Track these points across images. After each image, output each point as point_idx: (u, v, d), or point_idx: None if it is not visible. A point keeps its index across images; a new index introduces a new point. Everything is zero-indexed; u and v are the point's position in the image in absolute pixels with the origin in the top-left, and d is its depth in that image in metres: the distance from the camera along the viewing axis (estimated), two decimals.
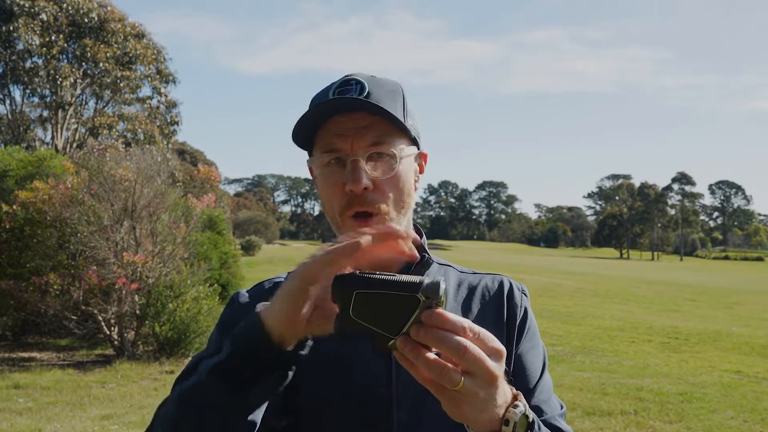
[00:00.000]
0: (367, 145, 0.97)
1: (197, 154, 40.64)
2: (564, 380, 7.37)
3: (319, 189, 1.04)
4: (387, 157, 0.99)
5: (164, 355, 8.28)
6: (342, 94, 0.99)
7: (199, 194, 10.12)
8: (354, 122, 0.97)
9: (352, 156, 0.97)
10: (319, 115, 0.99)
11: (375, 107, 0.96)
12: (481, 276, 1.13)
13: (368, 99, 0.97)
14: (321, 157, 1.00)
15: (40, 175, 9.33)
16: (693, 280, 31.35)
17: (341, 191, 0.98)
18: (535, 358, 1.06)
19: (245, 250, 31.77)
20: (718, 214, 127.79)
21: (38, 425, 5.63)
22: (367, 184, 0.96)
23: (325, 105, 0.97)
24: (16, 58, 20.76)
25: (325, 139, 0.99)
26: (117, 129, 22.93)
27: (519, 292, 1.10)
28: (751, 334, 11.93)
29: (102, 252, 8.19)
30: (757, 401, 6.59)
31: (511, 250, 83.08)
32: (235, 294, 1.11)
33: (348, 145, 0.97)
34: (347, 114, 0.98)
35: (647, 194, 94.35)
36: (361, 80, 1.00)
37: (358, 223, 0.97)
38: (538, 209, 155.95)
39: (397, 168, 0.99)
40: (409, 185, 1.02)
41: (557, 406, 1.03)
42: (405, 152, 1.01)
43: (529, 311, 1.10)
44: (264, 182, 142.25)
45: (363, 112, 0.97)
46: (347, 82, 1.01)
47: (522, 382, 1.01)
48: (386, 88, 1.02)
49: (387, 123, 0.98)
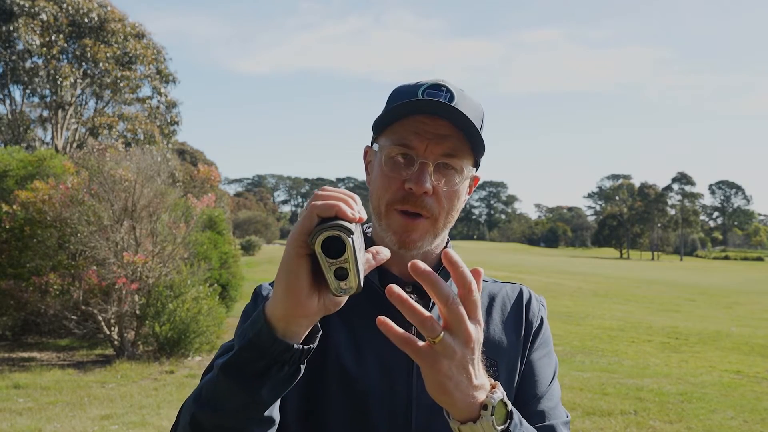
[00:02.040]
0: (440, 154, 0.98)
1: (197, 154, 40.61)
2: (564, 380, 7.37)
3: (374, 176, 1.04)
4: (453, 172, 1.00)
5: (164, 355, 8.28)
6: (431, 97, 0.99)
7: (199, 194, 10.12)
8: (436, 128, 0.98)
9: (422, 158, 0.98)
10: (405, 109, 0.98)
11: (463, 119, 0.96)
12: (501, 285, 1.15)
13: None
14: (391, 148, 1.00)
15: (40, 175, 9.33)
16: (693, 280, 31.34)
17: (398, 185, 0.99)
18: (547, 367, 1.08)
19: (245, 250, 31.79)
20: (718, 214, 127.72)
21: (38, 425, 5.63)
22: (429, 189, 0.97)
23: (413, 104, 0.97)
24: (16, 58, 20.74)
25: (401, 133, 0.99)
26: (117, 129, 22.92)
27: (537, 303, 1.14)
28: (751, 334, 11.93)
29: (102, 252, 8.19)
30: (757, 401, 6.59)
31: (511, 250, 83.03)
32: (258, 287, 1.12)
33: (423, 147, 0.98)
34: (433, 117, 0.98)
35: (647, 194, 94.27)
36: (452, 89, 1.01)
37: (404, 219, 0.99)
38: (538, 209, 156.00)
39: (459, 185, 1.01)
40: (460, 204, 1.04)
41: (562, 414, 1.05)
42: (469, 172, 1.03)
43: (545, 322, 1.13)
44: (264, 182, 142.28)
45: (447, 121, 0.97)
46: (438, 86, 1.01)
47: (531, 387, 1.04)
48: (472, 106, 1.02)
49: (463, 139, 0.99)
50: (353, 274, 0.71)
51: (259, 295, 1.09)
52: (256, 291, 1.11)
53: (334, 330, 1.02)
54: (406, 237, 0.99)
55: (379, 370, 0.99)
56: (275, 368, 0.77)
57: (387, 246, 1.02)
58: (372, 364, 1.00)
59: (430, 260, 1.07)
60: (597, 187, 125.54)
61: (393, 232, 1.00)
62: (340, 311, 0.97)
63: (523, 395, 1.03)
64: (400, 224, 0.99)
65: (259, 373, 0.77)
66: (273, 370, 0.77)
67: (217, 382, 0.80)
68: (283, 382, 0.79)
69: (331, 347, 1.01)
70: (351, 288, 0.72)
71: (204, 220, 10.82)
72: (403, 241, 0.99)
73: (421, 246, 1.02)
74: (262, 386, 0.77)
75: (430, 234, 1.02)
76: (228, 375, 0.78)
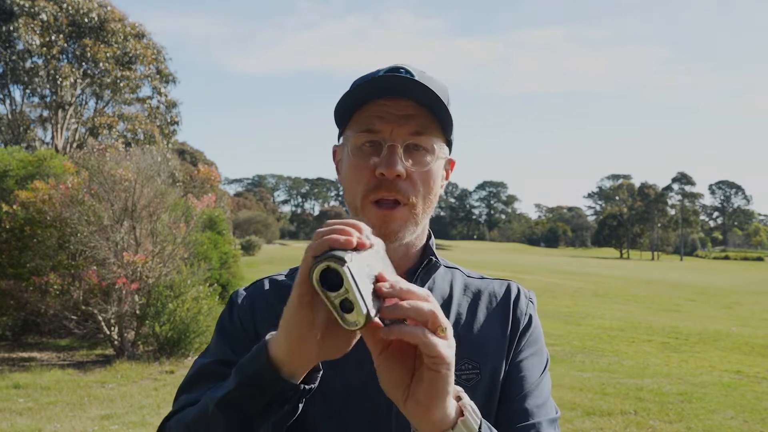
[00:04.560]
0: (407, 134, 0.95)
1: (197, 154, 40.61)
2: (564, 380, 7.37)
3: (344, 170, 1.00)
4: (424, 151, 0.96)
5: (164, 355, 8.27)
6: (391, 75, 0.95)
7: (199, 194, 10.12)
8: (398, 109, 0.95)
9: (390, 141, 0.94)
10: (364, 93, 0.95)
11: (425, 91, 0.92)
12: (489, 281, 1.12)
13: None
14: (356, 137, 0.97)
15: (40, 175, 9.33)
16: (693, 280, 31.36)
17: (370, 174, 0.95)
18: (535, 365, 1.05)
19: (245, 250, 31.74)
20: (718, 214, 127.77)
21: (38, 425, 5.63)
22: (401, 172, 0.93)
23: (372, 82, 0.93)
24: (16, 58, 20.75)
25: (364, 119, 0.96)
26: (117, 129, 22.93)
27: (525, 299, 1.10)
28: (751, 334, 11.94)
29: (102, 252, 8.19)
30: (757, 401, 6.59)
31: (511, 250, 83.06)
32: (234, 294, 1.08)
33: (388, 130, 0.94)
34: (393, 99, 0.95)
35: (647, 194, 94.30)
36: (411, 70, 0.97)
37: (381, 210, 0.95)
38: (538, 209, 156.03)
39: (432, 164, 0.97)
40: (437, 185, 1.01)
41: (550, 411, 1.01)
42: (441, 151, 0.99)
43: (535, 318, 1.10)
44: (264, 182, 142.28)
45: (409, 100, 0.94)
46: (397, 68, 0.97)
47: (517, 385, 1.01)
48: (435, 83, 0.98)
49: (430, 117, 0.96)
50: (357, 304, 0.66)
51: (234, 303, 1.05)
52: (232, 299, 1.07)
53: None
54: (385, 229, 0.95)
55: (356, 369, 0.95)
56: (276, 406, 0.75)
57: None
58: (350, 361, 0.97)
59: (411, 254, 1.04)
60: (597, 187, 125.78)
61: (372, 225, 0.97)
62: None
63: (509, 393, 1.00)
64: (378, 216, 0.95)
65: (259, 411, 0.75)
66: (273, 408, 0.75)
67: (212, 416, 0.78)
68: (281, 419, 0.77)
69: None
70: (358, 321, 0.67)
71: (204, 220, 10.83)
72: (383, 233, 0.94)
73: (403, 236, 0.97)
74: (261, 425, 0.76)
75: (410, 222, 0.97)
76: (225, 411, 0.76)
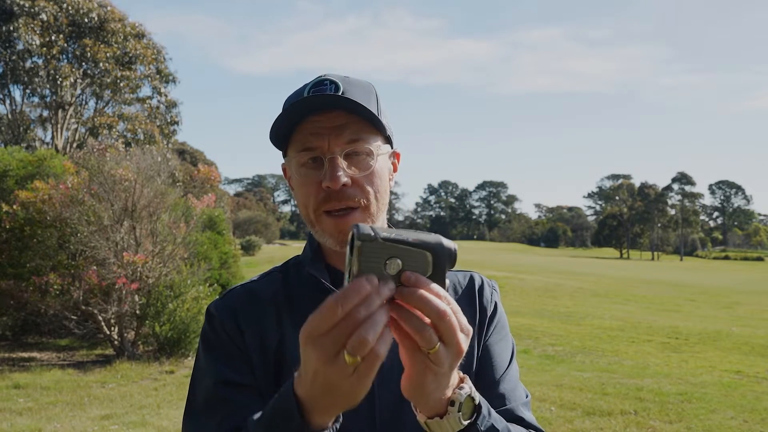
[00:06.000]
0: (343, 144, 0.98)
1: (197, 154, 40.60)
2: (564, 380, 7.37)
3: (295, 189, 1.04)
4: (363, 155, 1.00)
5: (164, 355, 8.28)
6: (316, 93, 1.00)
7: (199, 194, 10.13)
8: (330, 121, 0.98)
9: (329, 154, 0.98)
10: (295, 114, 0.99)
11: (351, 103, 0.97)
12: (452, 273, 1.14)
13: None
14: (297, 156, 1.01)
15: (41, 175, 9.33)
16: (693, 280, 31.35)
17: (317, 187, 0.99)
18: (504, 350, 1.10)
19: (245, 250, 31.79)
20: (718, 214, 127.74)
21: (38, 425, 5.63)
22: (346, 181, 0.97)
23: (301, 103, 0.98)
24: (16, 58, 20.74)
25: (300, 138, 1.00)
26: (117, 129, 22.93)
27: (489, 288, 1.14)
28: (751, 334, 11.93)
29: (102, 252, 8.19)
30: (757, 401, 6.59)
31: (511, 250, 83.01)
32: (210, 307, 1.07)
33: (325, 144, 0.98)
34: (322, 113, 0.98)
35: (647, 194, 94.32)
36: (335, 80, 1.01)
37: (335, 219, 0.99)
38: (538, 209, 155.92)
39: (374, 165, 1.01)
40: (385, 182, 1.04)
41: (522, 395, 1.07)
42: (381, 150, 1.03)
43: (499, 305, 1.14)
44: (264, 182, 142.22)
45: (338, 111, 0.98)
46: (321, 82, 1.02)
47: (489, 371, 1.06)
48: (360, 87, 1.03)
49: (362, 121, 1.00)
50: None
51: (214, 317, 1.05)
52: (210, 314, 1.06)
53: (290, 337, 1.02)
54: (343, 236, 0.98)
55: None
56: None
57: (330, 248, 1.04)
58: None
59: None
60: (597, 187, 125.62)
61: (329, 234, 1.01)
62: (295, 316, 0.99)
63: (482, 380, 1.03)
64: (333, 225, 0.99)
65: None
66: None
67: None
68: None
69: (287, 353, 1.01)
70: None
71: (204, 220, 10.82)
72: (342, 240, 0.99)
73: None
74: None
75: (367, 223, 0.99)
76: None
